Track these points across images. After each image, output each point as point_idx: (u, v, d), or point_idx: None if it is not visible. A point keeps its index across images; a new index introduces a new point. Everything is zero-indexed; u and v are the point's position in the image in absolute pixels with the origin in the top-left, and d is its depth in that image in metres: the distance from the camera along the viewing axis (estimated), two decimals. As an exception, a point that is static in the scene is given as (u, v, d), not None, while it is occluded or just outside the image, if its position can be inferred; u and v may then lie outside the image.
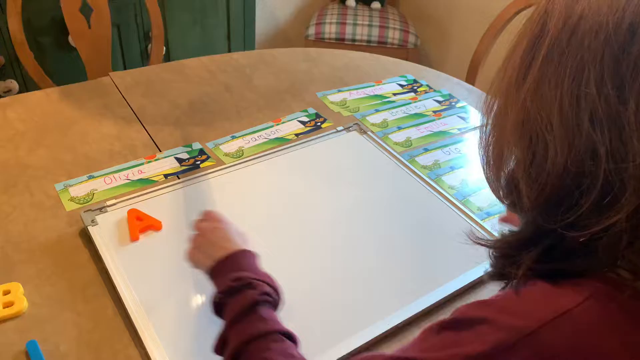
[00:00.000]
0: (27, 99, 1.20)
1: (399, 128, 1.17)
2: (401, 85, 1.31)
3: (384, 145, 1.10)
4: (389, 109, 1.24)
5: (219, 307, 0.64)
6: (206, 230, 0.72)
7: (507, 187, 0.46)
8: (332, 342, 0.73)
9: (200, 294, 0.78)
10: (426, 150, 1.11)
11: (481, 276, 0.82)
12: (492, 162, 0.47)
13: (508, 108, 0.44)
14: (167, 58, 1.98)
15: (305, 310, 0.77)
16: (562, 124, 0.39)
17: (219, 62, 1.39)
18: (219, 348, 0.62)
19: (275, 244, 0.87)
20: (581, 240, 0.40)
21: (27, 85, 1.80)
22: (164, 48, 1.91)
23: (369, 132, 1.14)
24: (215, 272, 0.67)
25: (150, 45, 1.65)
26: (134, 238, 0.85)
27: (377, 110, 1.23)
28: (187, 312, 0.76)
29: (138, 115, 1.17)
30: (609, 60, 0.37)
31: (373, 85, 1.29)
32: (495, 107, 0.47)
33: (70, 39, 1.68)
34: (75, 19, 1.47)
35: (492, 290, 0.80)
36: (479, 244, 0.50)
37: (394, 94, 1.26)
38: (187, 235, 0.73)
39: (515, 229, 0.48)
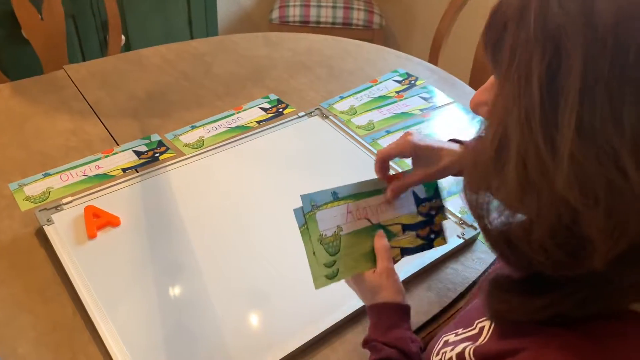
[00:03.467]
0: (-22, 97, 1.16)
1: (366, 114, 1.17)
2: (397, 82, 1.28)
3: (346, 129, 1.10)
4: (353, 94, 1.23)
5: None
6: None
7: (558, 247, 0.36)
8: (303, 325, 0.73)
9: (159, 290, 0.77)
10: (388, 132, 1.11)
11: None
12: (540, 223, 0.36)
13: (545, 160, 0.34)
14: (128, 48, 1.93)
15: (285, 295, 0.77)
16: (638, 166, 0.31)
17: (177, 50, 1.36)
18: None
19: (238, 233, 0.86)
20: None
21: (-19, 82, 1.74)
22: (123, 38, 1.86)
23: (330, 117, 1.13)
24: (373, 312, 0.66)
25: (108, 36, 1.60)
26: (91, 235, 0.83)
27: (341, 97, 1.21)
28: (147, 309, 0.75)
29: (94, 109, 1.14)
30: None
31: (371, 87, 1.26)
32: (516, 164, 0.36)
33: (23, 32, 1.62)
34: (25, 10, 1.42)
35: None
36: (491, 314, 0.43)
37: (397, 92, 1.23)
38: (145, 231, 0.72)
39: (517, 275, 0.41)
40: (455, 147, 0.69)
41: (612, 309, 0.39)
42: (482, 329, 0.48)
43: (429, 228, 0.73)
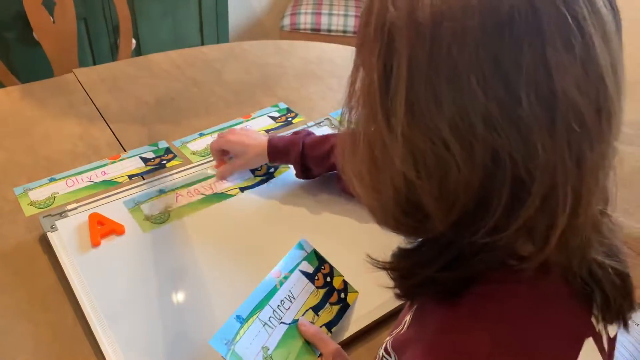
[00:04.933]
0: (-14, 99, 1.16)
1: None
2: None
3: (356, 140, 1.08)
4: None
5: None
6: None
7: (405, 215, 0.42)
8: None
9: (162, 301, 0.76)
10: (398, 144, 1.10)
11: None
12: (376, 194, 0.44)
13: (385, 141, 0.40)
14: (138, 52, 1.94)
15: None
16: (458, 140, 0.36)
17: (188, 57, 1.35)
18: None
19: (242, 243, 0.85)
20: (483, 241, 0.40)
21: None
22: (134, 42, 1.86)
23: (339, 127, 1.11)
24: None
25: (119, 39, 1.60)
26: (95, 243, 0.82)
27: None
28: (149, 321, 0.74)
29: (102, 114, 1.14)
30: (487, 63, 0.34)
31: None
32: (362, 141, 0.42)
33: (34, 34, 1.63)
34: (38, 13, 1.42)
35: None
36: (377, 267, 0.48)
37: None
38: (150, 240, 0.71)
39: (407, 245, 0.46)
40: (264, 143, 0.92)
41: (477, 272, 0.43)
42: (405, 322, 0.51)
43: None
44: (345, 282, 0.76)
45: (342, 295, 0.75)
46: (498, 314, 0.42)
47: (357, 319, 0.75)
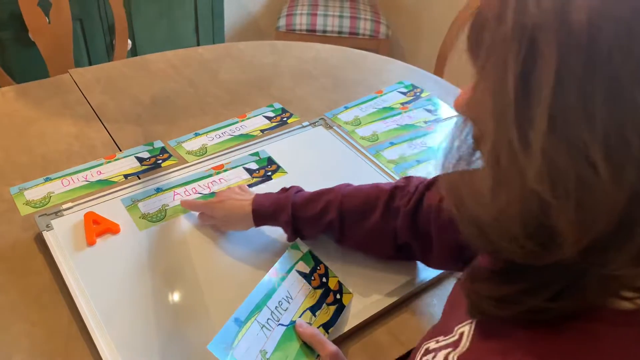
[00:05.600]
0: (-18, 99, 1.16)
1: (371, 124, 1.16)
2: (402, 93, 1.27)
3: (350, 140, 1.09)
4: (357, 105, 1.22)
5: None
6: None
7: (528, 237, 0.37)
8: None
9: (157, 300, 0.76)
10: (392, 144, 1.10)
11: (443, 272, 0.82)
12: (497, 214, 0.38)
13: (518, 156, 0.35)
14: (134, 52, 1.94)
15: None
16: (607, 159, 0.32)
17: (183, 57, 1.35)
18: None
19: (238, 242, 0.85)
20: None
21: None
22: (130, 42, 1.87)
23: (334, 127, 1.12)
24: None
25: (115, 40, 1.60)
26: (90, 242, 0.83)
27: (346, 108, 1.21)
28: (144, 319, 0.74)
29: (98, 114, 1.14)
30: None
31: (376, 97, 1.25)
32: (485, 155, 0.38)
33: (30, 34, 1.63)
34: (34, 13, 1.42)
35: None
36: (466, 292, 0.44)
37: (402, 104, 1.23)
38: (144, 239, 0.71)
39: (501, 268, 0.41)
40: (247, 209, 0.81)
41: (587, 304, 0.39)
42: (462, 334, 0.47)
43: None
44: (340, 283, 0.77)
45: (338, 296, 0.75)
46: (608, 357, 0.38)
47: (352, 316, 0.76)
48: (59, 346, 0.71)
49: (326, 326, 0.72)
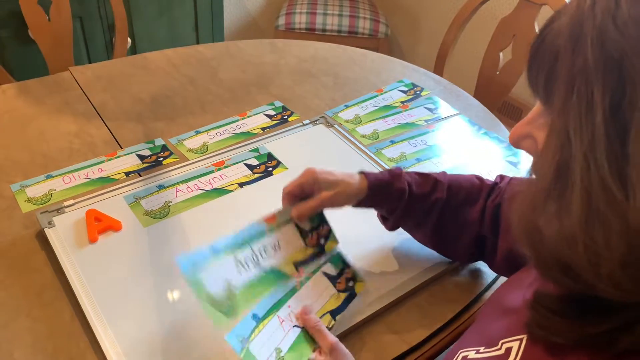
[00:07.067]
0: (-18, 96, 1.16)
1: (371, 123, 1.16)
2: (403, 92, 1.27)
3: (351, 138, 1.09)
4: (358, 103, 1.23)
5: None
6: None
7: (633, 276, 0.34)
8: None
9: (159, 297, 0.77)
10: (393, 142, 1.11)
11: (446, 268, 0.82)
12: (609, 255, 0.35)
13: (616, 196, 0.33)
14: (134, 51, 1.94)
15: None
16: None
17: (183, 55, 1.36)
18: None
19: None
20: None
21: (-14, 81, 1.74)
22: (130, 40, 1.87)
23: (335, 126, 1.12)
24: None
25: (114, 38, 1.60)
26: (92, 239, 0.83)
27: (346, 106, 1.21)
28: (147, 316, 0.74)
29: (99, 111, 1.14)
30: None
31: (376, 96, 1.25)
32: (573, 194, 0.35)
33: (30, 32, 1.63)
34: (34, 11, 1.42)
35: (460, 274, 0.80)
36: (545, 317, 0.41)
37: (402, 102, 1.23)
38: (147, 236, 0.71)
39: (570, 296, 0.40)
40: (357, 178, 0.73)
41: None
42: (509, 350, 0.45)
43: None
44: (354, 273, 0.76)
45: (351, 284, 0.74)
46: None
47: (355, 313, 0.76)
48: (61, 343, 0.72)
49: (334, 313, 0.71)
